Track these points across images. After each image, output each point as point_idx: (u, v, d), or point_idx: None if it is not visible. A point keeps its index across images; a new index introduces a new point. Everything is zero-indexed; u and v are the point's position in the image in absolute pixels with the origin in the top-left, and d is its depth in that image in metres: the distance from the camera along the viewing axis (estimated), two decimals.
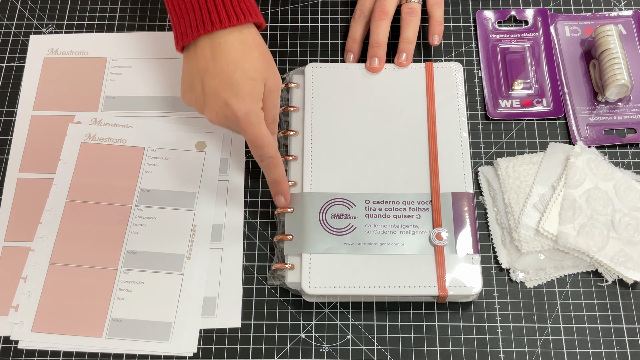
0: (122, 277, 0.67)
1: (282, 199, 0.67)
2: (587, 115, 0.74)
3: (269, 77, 0.64)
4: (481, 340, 0.65)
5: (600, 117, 0.74)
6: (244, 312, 0.67)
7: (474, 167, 0.73)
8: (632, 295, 0.67)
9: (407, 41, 0.75)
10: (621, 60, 0.73)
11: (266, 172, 0.66)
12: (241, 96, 0.62)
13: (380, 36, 0.74)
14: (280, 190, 0.67)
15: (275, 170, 0.65)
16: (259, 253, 0.69)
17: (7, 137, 0.75)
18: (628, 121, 0.74)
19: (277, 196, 0.67)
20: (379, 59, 0.74)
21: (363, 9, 0.77)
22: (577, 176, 0.69)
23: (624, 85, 0.72)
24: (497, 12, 0.81)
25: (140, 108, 0.76)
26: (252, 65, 0.62)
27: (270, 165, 0.65)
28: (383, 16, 0.74)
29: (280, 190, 0.67)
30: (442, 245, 0.66)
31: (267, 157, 0.64)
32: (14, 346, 0.65)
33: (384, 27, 0.74)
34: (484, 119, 0.75)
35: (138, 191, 0.71)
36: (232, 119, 0.63)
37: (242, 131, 0.63)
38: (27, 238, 0.69)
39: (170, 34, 0.80)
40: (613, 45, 0.74)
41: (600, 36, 0.75)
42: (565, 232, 0.66)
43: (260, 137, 0.63)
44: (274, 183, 0.67)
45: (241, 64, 0.62)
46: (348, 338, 0.65)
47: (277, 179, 0.66)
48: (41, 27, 0.81)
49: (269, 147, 0.64)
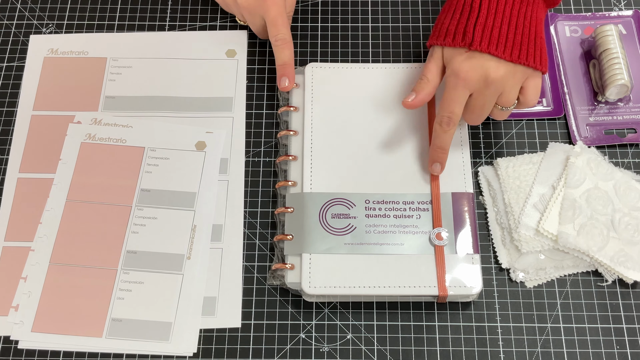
0: (122, 277, 0.67)
1: (286, 80, 0.73)
2: (587, 115, 0.74)
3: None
4: (481, 340, 0.65)
5: (600, 117, 0.74)
6: (244, 312, 0.67)
7: (474, 167, 0.73)
8: (632, 295, 0.67)
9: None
10: (621, 60, 0.73)
11: (277, 53, 0.73)
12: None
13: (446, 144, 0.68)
14: (286, 72, 0.73)
15: (285, 51, 0.73)
16: (259, 253, 0.69)
17: (7, 137, 0.75)
18: (628, 121, 0.74)
19: (282, 78, 0.73)
20: (441, 165, 0.69)
21: (453, 117, 0.66)
22: (577, 176, 0.69)
23: (624, 85, 0.72)
24: None
25: (140, 108, 0.76)
26: None
27: (282, 46, 0.72)
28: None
29: (286, 72, 0.73)
30: (442, 245, 0.66)
31: (282, 37, 0.72)
32: (14, 346, 0.65)
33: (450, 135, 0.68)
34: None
35: (138, 191, 0.71)
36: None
37: (265, 10, 0.72)
38: (27, 238, 0.69)
39: (170, 34, 0.80)
40: (613, 45, 0.74)
41: (600, 36, 0.75)
42: (565, 232, 0.66)
43: (280, 17, 0.72)
44: (282, 65, 0.73)
45: None
46: (348, 338, 0.65)
47: (285, 60, 0.73)
48: (41, 27, 0.81)
49: (285, 28, 0.72)
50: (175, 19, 0.81)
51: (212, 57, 0.78)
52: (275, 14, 0.72)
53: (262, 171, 0.73)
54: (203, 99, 0.76)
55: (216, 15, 0.81)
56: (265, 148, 0.74)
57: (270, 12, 0.72)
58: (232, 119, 0.75)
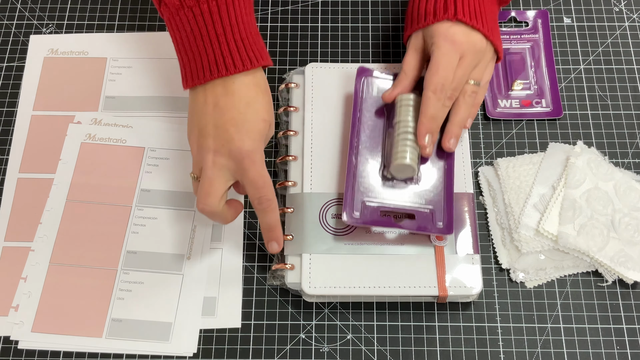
0: (122, 277, 0.67)
1: (275, 245, 0.64)
2: (366, 191, 0.65)
3: (272, 125, 0.64)
4: (481, 340, 0.65)
5: (380, 195, 0.65)
6: (244, 312, 0.66)
7: (474, 167, 0.73)
8: (632, 295, 0.67)
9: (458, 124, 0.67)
10: (413, 137, 0.65)
11: (261, 217, 0.63)
12: (251, 134, 0.61)
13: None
14: (274, 236, 0.64)
15: (271, 214, 0.63)
16: (259, 253, 0.69)
17: (7, 137, 0.75)
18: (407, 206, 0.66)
19: (271, 243, 0.64)
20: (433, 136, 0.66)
21: (446, 84, 0.65)
22: (577, 176, 0.69)
23: (408, 166, 0.65)
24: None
25: (140, 108, 0.76)
26: (263, 107, 0.62)
27: (267, 208, 0.62)
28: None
29: (274, 237, 0.64)
30: (442, 246, 0.66)
31: (266, 199, 0.62)
32: (14, 346, 0.65)
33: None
34: (484, 119, 0.75)
35: (138, 191, 0.71)
36: (235, 154, 0.61)
37: (243, 169, 0.61)
38: (27, 238, 0.69)
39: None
40: (410, 119, 0.66)
41: (400, 104, 0.67)
42: (565, 232, 0.66)
43: (262, 177, 0.61)
44: (269, 229, 0.64)
45: (254, 104, 0.62)
46: (348, 338, 0.65)
47: (272, 224, 0.63)
48: (41, 27, 0.81)
49: (268, 189, 0.62)
50: None
51: None
52: (257, 173, 0.61)
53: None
54: None
55: None
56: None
57: (249, 171, 0.61)
58: None
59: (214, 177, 0.61)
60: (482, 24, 0.66)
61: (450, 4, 0.66)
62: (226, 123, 0.61)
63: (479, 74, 0.67)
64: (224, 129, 0.61)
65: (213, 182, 0.61)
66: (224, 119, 0.61)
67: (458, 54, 0.65)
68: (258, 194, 0.62)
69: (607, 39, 0.79)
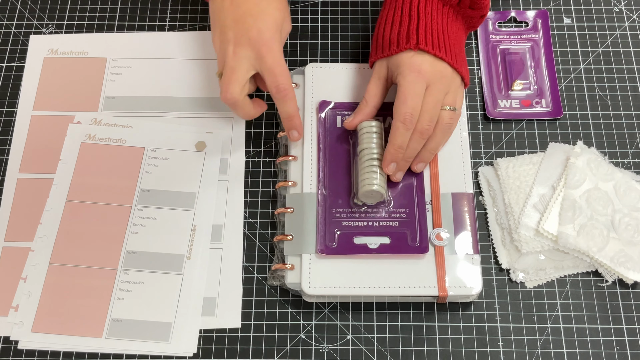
0: (122, 277, 0.67)
1: (295, 133, 0.69)
2: (340, 219, 0.67)
3: (287, 18, 0.69)
4: (481, 340, 0.65)
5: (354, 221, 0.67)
6: (244, 312, 0.66)
7: (474, 168, 0.73)
8: (632, 295, 0.67)
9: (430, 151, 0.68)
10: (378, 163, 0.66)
11: (280, 105, 0.67)
12: (267, 23, 0.66)
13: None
14: (294, 124, 0.68)
15: (289, 102, 0.67)
16: (259, 253, 0.69)
17: (7, 137, 0.75)
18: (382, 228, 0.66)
19: (291, 131, 0.69)
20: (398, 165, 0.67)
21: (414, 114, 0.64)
22: (577, 176, 0.69)
23: (377, 192, 0.65)
24: (497, 13, 0.81)
25: (140, 108, 0.76)
26: (279, 1, 0.68)
27: (285, 97, 0.66)
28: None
29: (293, 125, 0.68)
30: (442, 246, 0.66)
31: (283, 87, 0.65)
32: (14, 346, 0.65)
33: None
34: (484, 119, 0.75)
35: (138, 191, 0.71)
36: (253, 43, 0.65)
37: (261, 57, 0.65)
38: (27, 238, 0.69)
39: (170, 34, 0.80)
40: (374, 145, 0.66)
41: (363, 132, 0.68)
42: (565, 233, 0.66)
43: (279, 65, 0.65)
44: (288, 118, 0.68)
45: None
46: (348, 338, 0.65)
47: (291, 112, 0.67)
48: (41, 27, 0.81)
49: (286, 78, 0.66)
50: (175, 19, 0.81)
51: (212, 57, 0.78)
52: (274, 60, 0.65)
53: (262, 171, 0.73)
54: (203, 99, 0.76)
55: None
56: (265, 148, 0.74)
57: (267, 58, 0.65)
58: (232, 119, 0.75)
59: (235, 66, 0.65)
60: (444, 53, 0.66)
61: (413, 34, 0.66)
62: (243, 15, 0.66)
63: (452, 100, 0.67)
64: (242, 20, 0.66)
65: (235, 70, 0.65)
66: (241, 11, 0.66)
67: (424, 82, 0.65)
68: (276, 81, 0.65)
69: (607, 39, 0.79)
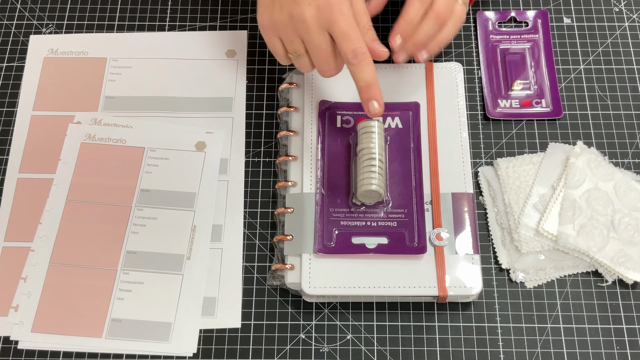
0: (122, 277, 0.67)
1: (375, 104, 0.62)
2: (338, 218, 0.67)
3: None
4: (481, 340, 0.65)
5: (352, 220, 0.66)
6: (244, 312, 0.67)
7: (474, 168, 0.73)
8: (632, 295, 0.67)
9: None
10: (377, 162, 0.65)
11: (357, 73, 0.61)
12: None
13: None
14: (373, 94, 0.61)
15: (367, 68, 0.61)
16: (259, 253, 0.69)
17: (7, 137, 0.75)
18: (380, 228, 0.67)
19: (370, 102, 0.62)
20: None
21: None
22: (577, 176, 0.69)
23: (375, 192, 0.65)
24: (497, 13, 0.81)
25: (140, 108, 0.76)
26: None
27: (363, 62, 0.60)
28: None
29: (372, 94, 0.61)
30: (442, 246, 0.66)
31: (361, 52, 0.60)
32: (13, 346, 0.65)
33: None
34: (484, 119, 0.75)
35: (138, 191, 0.71)
36: (324, 7, 0.59)
37: (333, 22, 0.60)
38: (27, 238, 0.69)
39: (170, 34, 0.80)
40: (373, 145, 0.65)
41: (361, 132, 0.67)
42: (565, 233, 0.66)
43: (352, 28, 0.60)
44: (367, 87, 0.61)
45: None
46: (348, 338, 0.65)
47: (369, 80, 0.61)
48: (41, 27, 0.81)
49: (360, 41, 0.60)
50: (175, 19, 0.81)
51: (212, 57, 0.78)
52: (347, 24, 0.60)
53: (262, 171, 0.73)
54: (203, 99, 0.76)
55: (216, 16, 0.81)
56: (265, 148, 0.74)
57: (339, 23, 0.60)
58: (232, 119, 0.75)
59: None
60: None
61: None
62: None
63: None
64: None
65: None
66: None
67: None
68: (352, 45, 0.60)
69: (607, 39, 0.79)
